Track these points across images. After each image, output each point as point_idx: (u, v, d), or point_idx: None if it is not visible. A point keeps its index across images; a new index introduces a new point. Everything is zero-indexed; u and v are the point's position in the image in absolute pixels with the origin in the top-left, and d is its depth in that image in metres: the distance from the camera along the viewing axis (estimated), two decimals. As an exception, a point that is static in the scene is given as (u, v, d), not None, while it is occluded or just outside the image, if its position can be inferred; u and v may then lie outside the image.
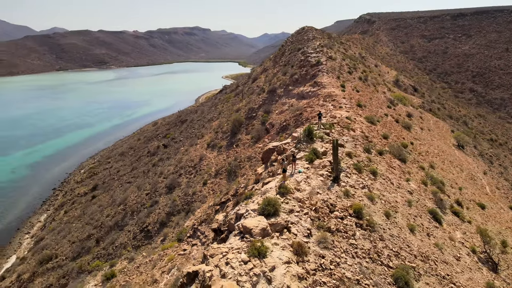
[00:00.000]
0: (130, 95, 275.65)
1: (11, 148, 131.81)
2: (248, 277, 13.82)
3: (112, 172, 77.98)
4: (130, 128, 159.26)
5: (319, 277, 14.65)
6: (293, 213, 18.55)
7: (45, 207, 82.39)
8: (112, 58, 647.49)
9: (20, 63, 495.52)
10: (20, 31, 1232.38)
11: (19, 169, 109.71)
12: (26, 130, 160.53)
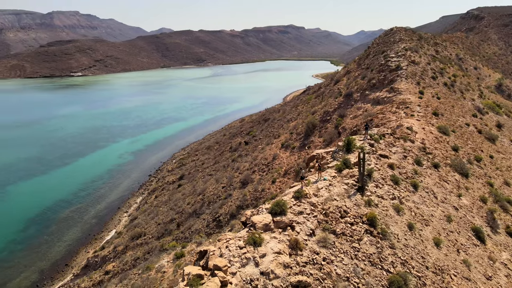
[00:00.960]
0: (223, 92, 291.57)
1: (120, 136, 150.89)
2: (239, 259, 16.85)
3: (197, 164, 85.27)
4: (219, 123, 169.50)
5: (308, 269, 16.37)
6: (302, 215, 20.42)
7: (141, 190, 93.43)
8: (210, 56, 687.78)
9: (132, 61, 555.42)
10: (134, 32, 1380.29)
11: (125, 155, 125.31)
12: (133, 121, 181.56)
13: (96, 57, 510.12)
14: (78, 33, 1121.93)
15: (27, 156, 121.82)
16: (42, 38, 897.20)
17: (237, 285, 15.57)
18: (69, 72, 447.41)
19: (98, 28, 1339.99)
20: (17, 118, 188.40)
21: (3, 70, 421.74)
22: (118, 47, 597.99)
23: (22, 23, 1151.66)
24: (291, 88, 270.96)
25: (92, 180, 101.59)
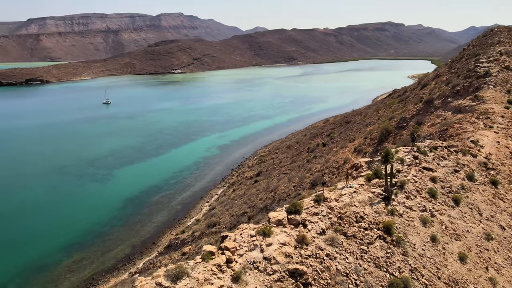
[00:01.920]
0: (311, 91, 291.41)
1: (209, 131, 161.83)
2: (248, 244, 19.78)
3: (275, 162, 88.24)
4: (303, 123, 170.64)
5: (309, 261, 17.96)
6: (317, 216, 22.17)
7: (223, 183, 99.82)
8: (301, 55, 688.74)
9: (226, 59, 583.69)
10: (231, 31, 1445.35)
11: (211, 149, 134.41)
12: (222, 117, 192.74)
13: (194, 55, 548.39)
14: (181, 33, 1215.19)
15: (130, 145, 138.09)
16: (151, 38, 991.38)
17: (241, 263, 18.65)
18: (171, 69, 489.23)
19: (198, 28, 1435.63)
20: (126, 110, 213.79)
21: (118, 67, 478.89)
22: (214, 46, 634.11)
23: (135, 25, 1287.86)
24: (382, 89, 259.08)
25: (181, 170, 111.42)
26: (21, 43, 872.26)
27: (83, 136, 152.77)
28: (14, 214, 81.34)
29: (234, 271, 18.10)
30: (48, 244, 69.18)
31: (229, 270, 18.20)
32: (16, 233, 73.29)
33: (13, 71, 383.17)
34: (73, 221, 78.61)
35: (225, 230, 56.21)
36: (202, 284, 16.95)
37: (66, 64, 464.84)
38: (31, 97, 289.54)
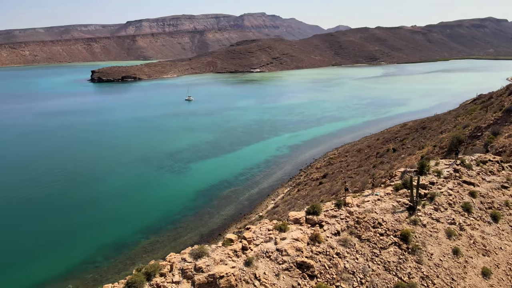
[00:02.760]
0: (390, 93, 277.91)
1: (282, 130, 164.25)
2: (263, 236, 22.49)
3: (343, 165, 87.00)
4: (379, 126, 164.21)
5: (318, 257, 18.82)
6: (335, 218, 23.73)
7: (290, 182, 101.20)
8: (384, 54, 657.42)
9: (305, 59, 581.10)
10: (312, 30, 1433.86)
11: (282, 148, 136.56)
12: (296, 116, 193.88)
13: (273, 55, 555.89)
14: (262, 32, 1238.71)
15: (207, 140, 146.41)
16: (233, 38, 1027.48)
17: (255, 252, 21.43)
18: (250, 68, 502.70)
19: (279, 27, 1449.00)
20: (205, 107, 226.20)
21: (201, 66, 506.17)
22: (294, 46, 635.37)
23: (220, 25, 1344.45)
24: (474, 93, 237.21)
25: (251, 167, 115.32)
26: (120, 43, 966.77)
27: (166, 130, 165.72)
28: (103, 197, 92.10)
29: (247, 257, 20.91)
30: (129, 226, 77.31)
31: (243, 255, 21.25)
32: (102, 214, 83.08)
33: (112, 69, 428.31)
34: (151, 207, 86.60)
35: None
36: (218, 264, 20.40)
37: (156, 63, 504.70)
38: (125, 92, 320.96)
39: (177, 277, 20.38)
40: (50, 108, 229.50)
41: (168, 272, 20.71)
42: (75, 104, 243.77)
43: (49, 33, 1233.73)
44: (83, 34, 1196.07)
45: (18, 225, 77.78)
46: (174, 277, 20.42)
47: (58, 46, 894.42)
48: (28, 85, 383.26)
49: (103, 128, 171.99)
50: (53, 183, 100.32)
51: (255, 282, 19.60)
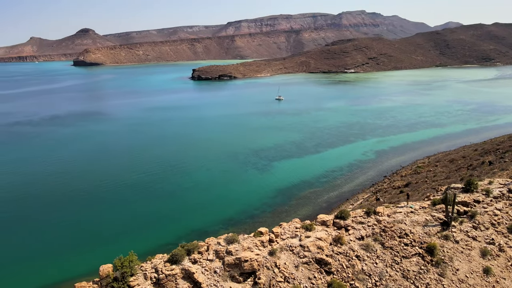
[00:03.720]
0: (503, 98, 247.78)
1: (370, 134, 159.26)
2: (290, 233, 25.39)
3: (429, 175, 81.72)
4: (483, 136, 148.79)
5: (338, 257, 19.63)
6: (362, 224, 25.14)
7: (372, 189, 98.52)
8: (500, 54, 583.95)
9: (405, 59, 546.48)
10: (416, 28, 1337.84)
11: (368, 153, 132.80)
12: (386, 120, 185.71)
13: (370, 54, 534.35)
14: (361, 31, 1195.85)
15: (292, 140, 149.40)
16: (329, 37, 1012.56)
17: (280, 245, 24.31)
18: (344, 68, 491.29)
19: (380, 25, 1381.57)
20: (295, 106, 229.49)
21: (294, 66, 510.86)
22: (393, 45, 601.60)
23: (316, 24, 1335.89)
24: None
25: (333, 170, 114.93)
26: (220, 43, 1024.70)
27: (254, 128, 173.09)
28: (191, 188, 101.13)
29: (272, 248, 24.07)
30: (211, 216, 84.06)
31: (269, 246, 24.55)
32: (189, 203, 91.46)
33: (210, 68, 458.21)
34: (233, 201, 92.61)
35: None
36: (245, 250, 24.25)
37: (251, 62, 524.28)
38: (219, 90, 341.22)
39: (211, 256, 25.12)
40: (154, 103, 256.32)
41: (204, 251, 25.70)
42: (175, 100, 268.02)
43: (160, 34, 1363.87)
44: (188, 35, 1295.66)
45: (113, 207, 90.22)
46: (209, 255, 25.32)
47: (166, 46, 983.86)
48: (138, 81, 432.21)
49: (197, 123, 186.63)
50: (150, 172, 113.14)
51: (274, 269, 22.80)
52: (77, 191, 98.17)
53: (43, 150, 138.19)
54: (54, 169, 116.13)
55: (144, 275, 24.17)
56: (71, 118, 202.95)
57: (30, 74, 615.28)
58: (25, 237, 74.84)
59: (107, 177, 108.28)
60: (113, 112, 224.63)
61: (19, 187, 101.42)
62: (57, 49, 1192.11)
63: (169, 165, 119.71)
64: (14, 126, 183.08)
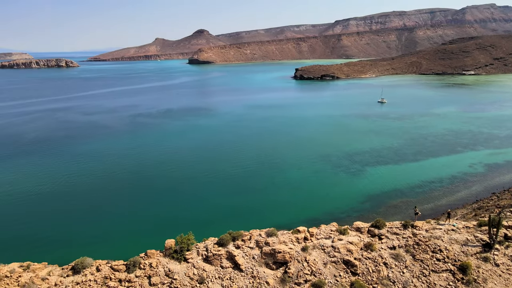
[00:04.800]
0: None
1: (482, 145, 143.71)
2: (325, 234, 28.16)
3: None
4: None
5: (366, 261, 19.78)
6: (396, 235, 25.81)
7: (474, 205, 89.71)
8: None
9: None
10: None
11: (476, 165, 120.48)
12: (506, 130, 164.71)
13: (496, 54, 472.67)
14: (488, 27, 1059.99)
15: (390, 145, 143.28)
16: (448, 35, 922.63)
17: (313, 243, 26.71)
18: (461, 70, 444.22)
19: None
20: (398, 110, 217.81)
21: (403, 66, 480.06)
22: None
23: (434, 20, 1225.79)
24: None
25: (431, 180, 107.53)
26: (326, 42, 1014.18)
27: (351, 130, 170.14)
28: (281, 184, 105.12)
29: (305, 245, 26.97)
30: (296, 214, 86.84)
31: (303, 243, 27.58)
32: (277, 200, 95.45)
33: (313, 68, 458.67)
34: (320, 201, 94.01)
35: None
36: (281, 243, 27.80)
37: (356, 62, 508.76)
38: (320, 91, 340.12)
39: (252, 244, 29.50)
40: (256, 101, 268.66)
41: (247, 240, 30.15)
42: (276, 99, 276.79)
43: (267, 34, 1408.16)
44: (294, 34, 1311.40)
45: (206, 196, 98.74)
46: (250, 244, 29.84)
47: (272, 45, 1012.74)
48: (243, 80, 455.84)
49: (294, 122, 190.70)
50: (245, 166, 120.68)
51: (304, 263, 25.69)
52: (178, 178, 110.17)
53: (157, 139, 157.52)
54: (163, 157, 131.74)
55: (197, 251, 30.32)
56: (181, 112, 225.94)
57: (153, 71, 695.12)
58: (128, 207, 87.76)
59: (204, 168, 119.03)
60: (217, 108, 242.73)
61: (135, 171, 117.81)
62: (176, 49, 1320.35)
63: (264, 161, 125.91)
64: (137, 117, 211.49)
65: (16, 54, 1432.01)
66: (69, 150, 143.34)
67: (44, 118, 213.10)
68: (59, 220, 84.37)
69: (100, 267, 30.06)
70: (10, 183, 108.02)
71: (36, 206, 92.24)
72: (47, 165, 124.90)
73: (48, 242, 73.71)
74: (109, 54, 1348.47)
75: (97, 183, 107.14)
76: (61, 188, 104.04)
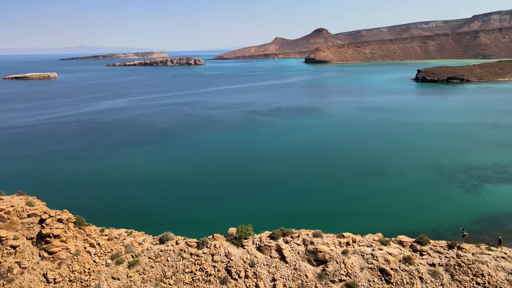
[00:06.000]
0: None
1: None
2: (367, 242, 30.26)
3: None
4: None
5: (402, 272, 19.95)
6: (439, 254, 26.33)
7: None
8: None
9: None
10: None
11: None
12: None
13: None
14: None
15: None
16: None
17: (354, 248, 29.26)
18: None
19: None
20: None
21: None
22: None
23: None
24: None
25: None
26: (458, 40, 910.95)
27: (473, 141, 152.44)
28: (381, 192, 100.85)
29: (346, 249, 29.93)
30: (394, 223, 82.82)
31: (344, 247, 30.38)
32: (373, 207, 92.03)
33: (438, 69, 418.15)
34: (424, 215, 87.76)
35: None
36: (323, 244, 31.21)
37: (492, 63, 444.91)
38: (444, 95, 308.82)
39: (299, 241, 33.77)
40: (369, 103, 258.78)
41: (296, 237, 34.59)
42: (391, 102, 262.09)
43: (391, 32, 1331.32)
44: (421, 31, 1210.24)
45: (299, 194, 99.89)
46: (297, 241, 34.16)
47: (394, 44, 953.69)
48: (359, 80, 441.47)
49: (407, 128, 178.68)
50: (345, 169, 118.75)
51: (341, 264, 28.53)
52: (277, 174, 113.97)
53: (264, 136, 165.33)
54: (265, 153, 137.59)
55: (253, 241, 36.16)
56: (291, 111, 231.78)
57: (269, 69, 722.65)
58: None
59: (301, 167, 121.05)
60: (327, 108, 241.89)
61: (242, 164, 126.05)
62: (294, 47, 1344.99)
63: (366, 166, 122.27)
64: (249, 114, 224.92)
65: (156, 53, 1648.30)
66: (188, 141, 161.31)
67: (171, 111, 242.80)
68: (164, 200, 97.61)
69: (178, 241, 38.61)
70: (139, 165, 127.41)
71: (152, 185, 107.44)
72: (168, 152, 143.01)
73: (149, 216, 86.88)
74: (231, 53, 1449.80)
75: (204, 172, 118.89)
76: (172, 173, 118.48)
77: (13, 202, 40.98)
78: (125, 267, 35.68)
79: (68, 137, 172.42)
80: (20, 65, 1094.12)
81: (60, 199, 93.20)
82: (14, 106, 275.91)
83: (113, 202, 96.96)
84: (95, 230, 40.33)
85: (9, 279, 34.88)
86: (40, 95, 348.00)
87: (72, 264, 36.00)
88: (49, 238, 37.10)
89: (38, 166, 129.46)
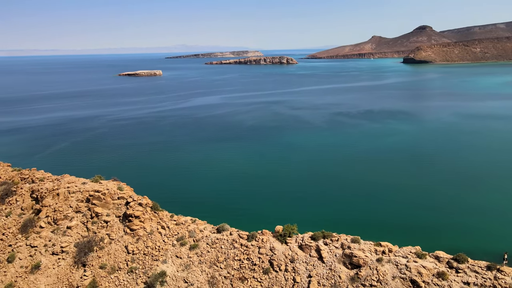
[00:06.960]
0: None
1: None
2: (403, 253, 32.00)
3: None
4: None
5: (432, 286, 17.16)
6: (475, 273, 26.68)
7: None
8: None
9: None
10: None
11: None
12: None
13: None
14: None
15: None
16: None
17: (390, 258, 30.69)
18: None
19: None
20: None
21: None
22: None
23: None
24: None
25: None
26: None
27: None
28: (465, 207, 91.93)
29: (381, 257, 31.60)
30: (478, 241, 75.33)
31: (380, 255, 32.03)
32: (453, 223, 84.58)
33: None
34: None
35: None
36: (359, 250, 33.74)
37: None
38: None
39: (337, 245, 36.57)
40: (472, 109, 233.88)
41: (335, 240, 37.45)
42: (501, 108, 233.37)
43: (509, 28, 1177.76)
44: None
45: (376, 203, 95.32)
46: (336, 244, 36.98)
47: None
48: (464, 83, 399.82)
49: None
50: (436, 181, 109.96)
51: (374, 271, 30.25)
52: (351, 178, 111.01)
53: (351, 140, 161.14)
54: (344, 158, 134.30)
55: (296, 239, 39.80)
56: (381, 115, 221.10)
57: (363, 69, 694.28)
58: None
59: (381, 175, 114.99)
60: (422, 113, 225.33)
61: (323, 165, 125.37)
62: (392, 47, 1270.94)
63: (455, 178, 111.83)
64: (336, 116, 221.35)
65: (251, 52, 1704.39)
66: (273, 139, 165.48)
67: (260, 109, 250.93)
68: (233, 193, 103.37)
69: (232, 233, 43.88)
70: (226, 160, 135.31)
71: (229, 180, 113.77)
72: (251, 149, 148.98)
73: (213, 207, 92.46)
74: (324, 52, 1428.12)
75: (284, 171, 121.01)
76: (249, 169, 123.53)
77: (108, 186, 51.50)
78: (187, 249, 42.50)
79: (168, 130, 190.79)
80: (134, 63, 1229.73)
81: (143, 185, 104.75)
82: (125, 100, 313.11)
83: (186, 191, 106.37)
84: (167, 215, 48.18)
85: (101, 246, 44.56)
86: (147, 91, 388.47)
87: (147, 241, 44.13)
88: (131, 218, 45.97)
89: (137, 154, 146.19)
